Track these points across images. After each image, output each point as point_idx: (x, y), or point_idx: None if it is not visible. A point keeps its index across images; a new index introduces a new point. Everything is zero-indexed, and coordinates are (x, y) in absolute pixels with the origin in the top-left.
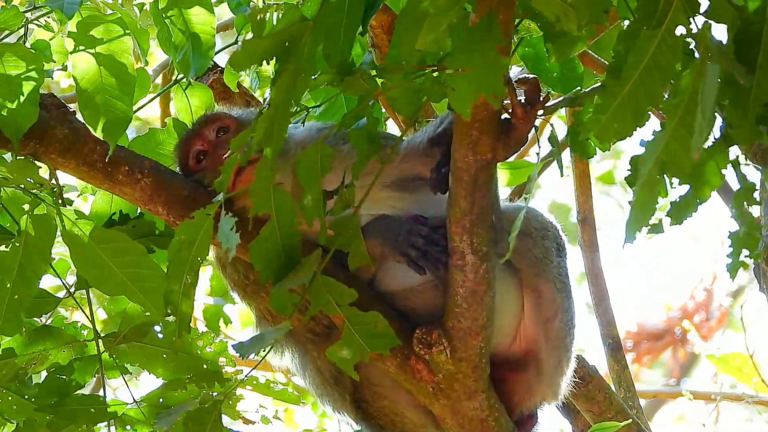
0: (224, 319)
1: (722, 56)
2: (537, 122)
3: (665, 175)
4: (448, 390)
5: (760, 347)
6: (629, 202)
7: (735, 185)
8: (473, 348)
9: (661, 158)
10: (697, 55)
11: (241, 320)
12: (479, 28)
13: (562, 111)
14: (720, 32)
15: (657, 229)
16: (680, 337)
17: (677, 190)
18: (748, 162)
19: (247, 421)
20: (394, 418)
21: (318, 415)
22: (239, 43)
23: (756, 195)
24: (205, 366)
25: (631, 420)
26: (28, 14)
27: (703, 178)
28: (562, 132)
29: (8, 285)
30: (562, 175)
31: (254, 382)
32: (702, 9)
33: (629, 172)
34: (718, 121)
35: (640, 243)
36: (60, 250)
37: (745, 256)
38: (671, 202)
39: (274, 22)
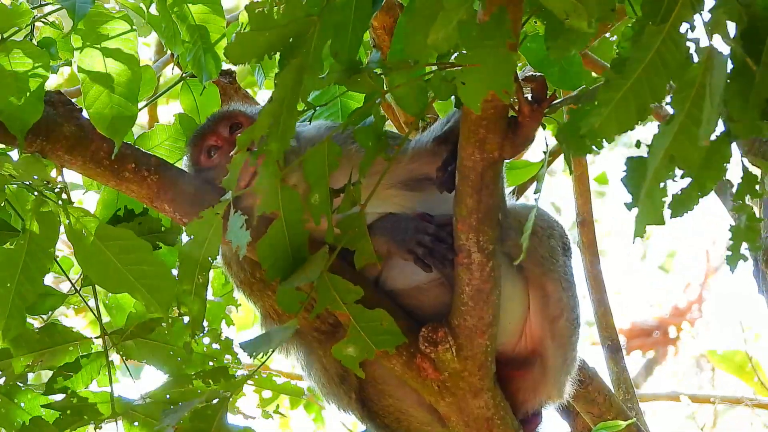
0: (226, 321)
1: (734, 44)
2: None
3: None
4: (454, 388)
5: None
6: (631, 195)
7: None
8: (479, 346)
9: (669, 152)
10: (693, 51)
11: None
12: (489, 24)
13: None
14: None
15: (658, 220)
16: (673, 336)
17: (678, 183)
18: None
19: (246, 417)
20: (400, 416)
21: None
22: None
23: (757, 187)
24: (211, 363)
25: (633, 420)
26: (35, 11)
27: (706, 170)
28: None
29: (9, 284)
30: (571, 173)
31: (256, 377)
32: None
33: (625, 173)
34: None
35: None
36: (64, 246)
37: (745, 249)
38: (673, 195)
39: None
